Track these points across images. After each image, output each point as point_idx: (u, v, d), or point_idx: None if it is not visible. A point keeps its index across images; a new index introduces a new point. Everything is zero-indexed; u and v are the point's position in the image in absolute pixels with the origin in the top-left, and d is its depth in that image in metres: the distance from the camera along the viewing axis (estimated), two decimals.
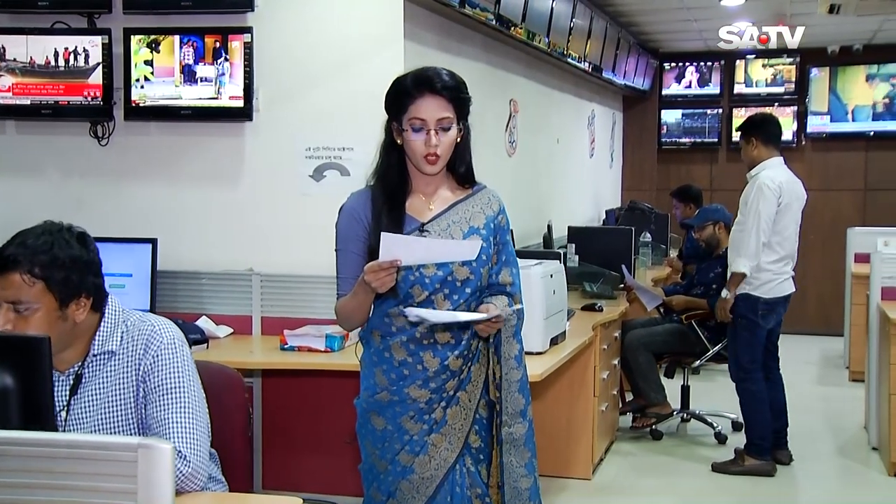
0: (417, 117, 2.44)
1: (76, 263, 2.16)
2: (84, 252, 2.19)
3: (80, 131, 4.44)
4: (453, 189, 2.59)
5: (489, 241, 2.54)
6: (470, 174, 2.60)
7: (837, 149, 9.47)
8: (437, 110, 2.44)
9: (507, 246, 2.61)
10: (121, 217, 4.36)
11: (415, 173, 2.54)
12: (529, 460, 2.60)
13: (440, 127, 2.44)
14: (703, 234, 5.88)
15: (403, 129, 2.47)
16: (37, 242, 2.13)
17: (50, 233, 2.17)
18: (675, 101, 9.87)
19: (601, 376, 4.93)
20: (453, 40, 4.97)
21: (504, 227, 2.61)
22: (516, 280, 2.61)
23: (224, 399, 2.53)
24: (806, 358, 8.09)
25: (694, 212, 6.95)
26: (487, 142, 5.57)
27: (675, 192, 7.30)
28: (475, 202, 2.58)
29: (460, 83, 2.50)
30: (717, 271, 5.72)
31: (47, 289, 2.12)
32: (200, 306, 4.31)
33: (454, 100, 2.46)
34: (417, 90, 2.45)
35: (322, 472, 4.29)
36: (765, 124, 5.11)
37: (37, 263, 2.12)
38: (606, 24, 7.21)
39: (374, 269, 2.31)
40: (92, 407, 2.21)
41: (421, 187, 2.56)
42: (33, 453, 1.53)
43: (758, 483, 4.91)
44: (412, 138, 2.46)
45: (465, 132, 2.54)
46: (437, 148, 2.44)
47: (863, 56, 9.15)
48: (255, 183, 4.33)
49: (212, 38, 4.19)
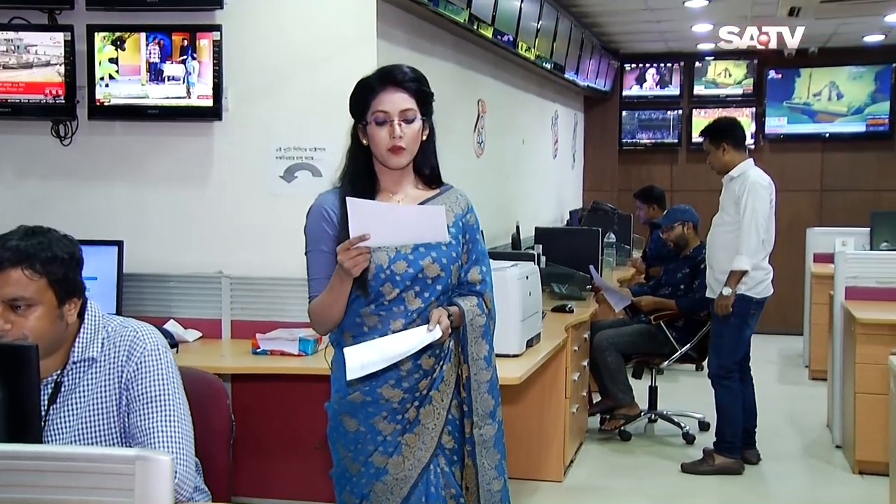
0: (381, 110, 2.45)
1: (73, 261, 2.13)
2: (76, 250, 2.15)
3: (42, 130, 4.33)
4: (421, 188, 2.59)
5: (458, 239, 2.54)
6: (436, 174, 2.60)
7: (795, 150, 9.59)
8: (400, 102, 2.45)
9: (476, 244, 2.61)
10: (85, 219, 4.24)
11: (382, 173, 2.54)
12: (499, 462, 2.60)
13: (403, 119, 2.45)
14: (671, 235, 5.90)
15: (368, 123, 2.47)
16: (31, 242, 2.07)
17: (42, 233, 2.12)
18: (636, 102, 9.93)
19: (572, 377, 4.92)
20: (424, 40, 4.93)
21: (473, 225, 2.61)
22: (486, 278, 2.61)
23: (206, 406, 2.47)
24: (766, 357, 8.16)
25: (658, 212, 7.00)
26: (457, 142, 5.54)
27: (638, 192, 7.34)
28: (443, 200, 2.57)
29: (422, 77, 2.52)
30: (684, 272, 5.76)
31: (48, 286, 2.08)
32: (168, 310, 4.21)
33: (417, 92, 2.48)
34: (380, 84, 2.47)
35: (296, 477, 4.22)
36: (734, 129, 5.14)
37: (38, 259, 2.07)
38: (571, 24, 7.22)
39: (345, 247, 2.30)
40: (72, 416, 2.13)
41: (389, 186, 2.55)
42: (25, 467, 1.47)
43: (726, 482, 4.94)
44: (376, 132, 2.46)
45: (430, 132, 2.55)
46: (402, 140, 2.44)
47: (818, 58, 9.28)
48: (224, 183, 4.24)
49: (179, 35, 4.10)
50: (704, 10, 7.22)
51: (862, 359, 4.87)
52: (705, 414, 5.91)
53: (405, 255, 2.45)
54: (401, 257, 2.45)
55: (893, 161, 9.22)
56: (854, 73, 9.39)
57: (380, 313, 2.46)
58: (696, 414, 5.89)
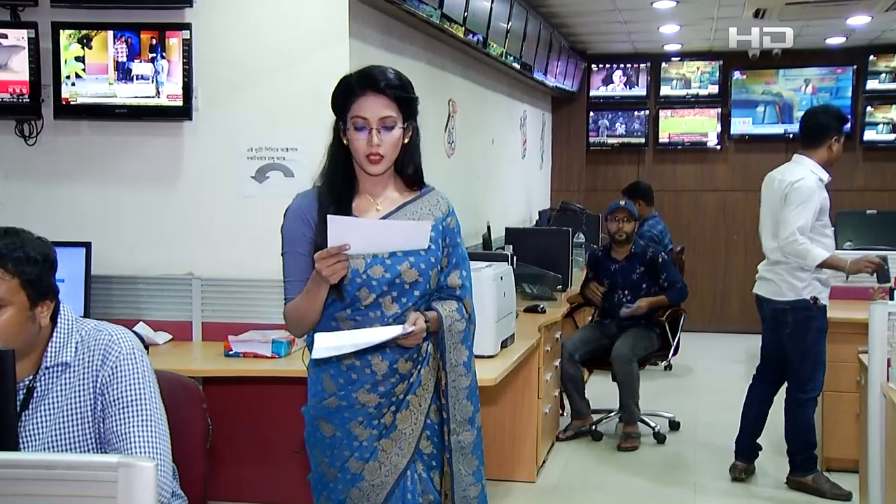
0: (359, 115, 2.40)
1: (46, 262, 2.08)
2: (50, 252, 2.10)
3: (5, 129, 4.25)
4: (401, 190, 2.54)
5: (437, 243, 2.50)
6: (418, 176, 2.55)
7: (759, 150, 9.68)
8: (380, 109, 2.39)
9: (457, 248, 2.57)
10: (52, 220, 4.17)
11: (362, 174, 2.50)
12: (477, 468, 2.59)
13: (382, 126, 2.39)
14: (627, 227, 5.76)
15: (347, 127, 2.42)
16: (3, 242, 2.03)
17: (15, 233, 2.07)
18: (603, 103, 9.96)
19: (545, 378, 4.92)
20: (395, 39, 4.90)
21: (454, 229, 2.57)
22: (466, 283, 2.57)
23: (182, 410, 2.43)
24: (732, 356, 8.26)
25: (644, 208, 7.03)
26: (428, 142, 5.48)
27: (625, 189, 7.36)
28: (423, 204, 2.54)
29: (406, 83, 2.46)
30: (638, 271, 5.79)
31: (20, 286, 2.03)
32: (137, 312, 4.16)
33: (398, 99, 2.41)
34: (360, 88, 2.41)
35: (270, 481, 4.18)
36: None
37: (10, 259, 2.02)
38: (540, 24, 7.23)
39: (323, 255, 2.25)
40: (46, 422, 2.08)
41: (368, 188, 2.51)
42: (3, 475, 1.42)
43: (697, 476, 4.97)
44: (355, 137, 2.41)
45: (413, 134, 2.50)
46: (380, 147, 2.39)
47: (781, 59, 9.38)
48: (195, 184, 4.20)
49: (148, 34, 4.05)
50: (672, 11, 7.26)
51: (829, 357, 4.91)
52: (675, 413, 5.95)
53: (382, 260, 2.42)
54: (377, 262, 2.41)
55: (854, 161, 9.34)
56: (816, 73, 9.50)
57: (356, 318, 2.43)
58: (666, 413, 5.93)
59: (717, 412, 6.13)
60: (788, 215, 4.55)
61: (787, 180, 4.65)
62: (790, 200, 4.57)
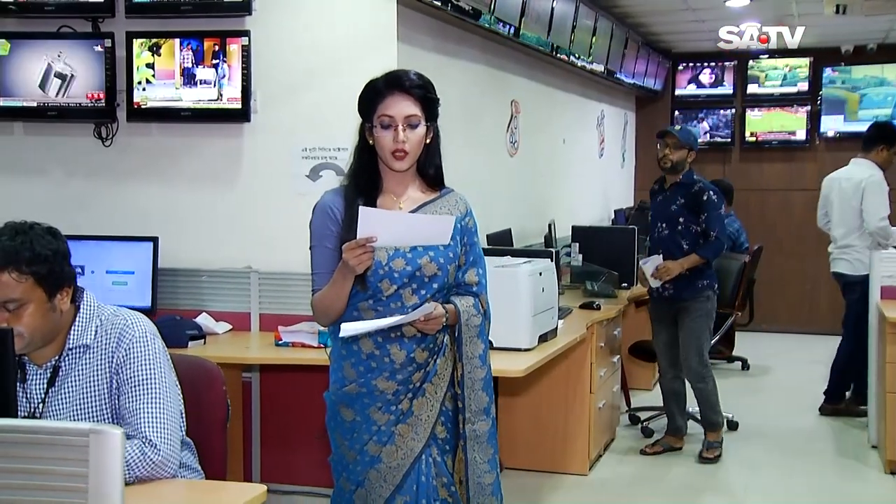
0: (386, 114, 2.55)
1: (57, 255, 2.26)
2: (60, 244, 2.28)
3: (85, 132, 4.56)
4: (423, 190, 2.68)
5: (456, 240, 2.63)
6: (439, 176, 2.69)
7: (851, 148, 9.39)
8: (405, 107, 2.55)
9: (474, 247, 2.71)
10: (123, 216, 4.47)
11: (386, 173, 2.63)
12: (492, 457, 2.69)
13: (408, 124, 2.54)
14: (675, 155, 5.22)
15: (374, 126, 2.57)
16: (14, 242, 2.21)
17: (24, 232, 2.24)
18: (688, 102, 9.87)
19: (598, 373, 4.98)
20: (451, 42, 5.03)
21: (472, 228, 2.71)
22: (482, 280, 2.71)
23: (203, 392, 2.62)
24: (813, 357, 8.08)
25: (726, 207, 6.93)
26: (486, 142, 5.63)
27: None
28: (443, 204, 2.67)
29: (428, 84, 2.61)
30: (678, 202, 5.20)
31: (36, 284, 2.21)
32: (201, 303, 4.40)
33: (422, 99, 2.57)
34: (387, 89, 2.56)
35: (317, 465, 4.36)
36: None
37: (23, 261, 2.20)
38: (612, 25, 7.24)
39: (351, 246, 2.40)
40: (68, 399, 2.30)
41: (392, 187, 2.65)
42: None
43: (752, 476, 4.94)
44: (381, 135, 2.56)
45: (434, 135, 2.64)
46: (405, 144, 2.54)
47: (877, 55, 9.10)
48: (253, 182, 4.42)
49: (210, 41, 4.29)
50: (746, 9, 7.16)
51: (892, 358, 4.82)
52: (739, 413, 5.90)
53: (403, 254, 2.56)
54: (399, 255, 2.56)
55: None
56: None
57: (377, 308, 2.57)
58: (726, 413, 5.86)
59: (782, 414, 6.06)
60: (870, 205, 5.76)
61: (856, 178, 5.85)
62: (870, 192, 5.78)
